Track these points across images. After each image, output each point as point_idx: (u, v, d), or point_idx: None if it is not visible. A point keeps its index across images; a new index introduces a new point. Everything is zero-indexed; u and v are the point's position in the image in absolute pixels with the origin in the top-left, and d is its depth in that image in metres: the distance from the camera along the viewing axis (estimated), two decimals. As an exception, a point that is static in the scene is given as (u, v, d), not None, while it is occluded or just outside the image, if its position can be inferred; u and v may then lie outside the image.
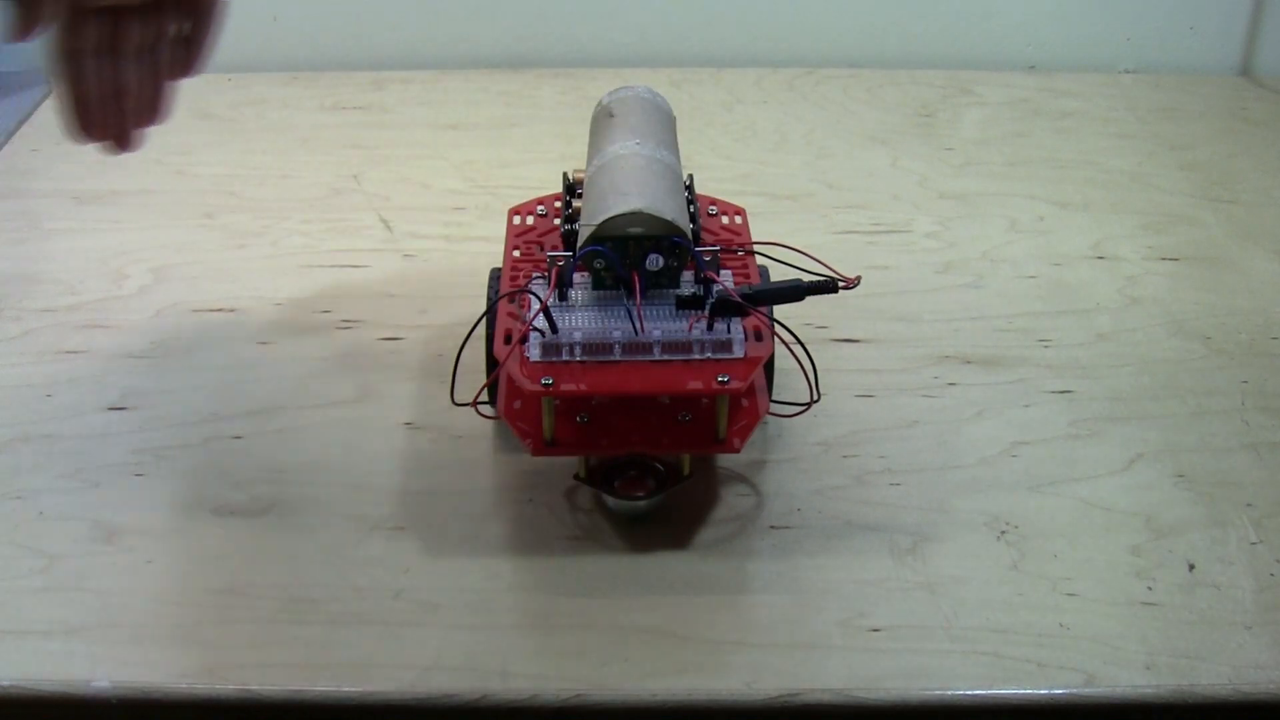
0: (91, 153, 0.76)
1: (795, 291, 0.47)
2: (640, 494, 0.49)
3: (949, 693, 0.43)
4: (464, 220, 0.69)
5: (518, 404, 0.48)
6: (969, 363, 0.58)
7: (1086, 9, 0.87)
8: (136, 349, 0.59)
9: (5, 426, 0.54)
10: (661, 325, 0.46)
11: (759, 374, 0.47)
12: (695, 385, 0.45)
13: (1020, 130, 0.79)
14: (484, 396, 0.49)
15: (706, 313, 0.46)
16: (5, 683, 0.43)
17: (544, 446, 0.47)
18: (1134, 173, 0.74)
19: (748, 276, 0.51)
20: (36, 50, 0.85)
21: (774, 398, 0.50)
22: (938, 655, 0.44)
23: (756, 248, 0.53)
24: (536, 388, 0.45)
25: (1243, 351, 0.59)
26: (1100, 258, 0.66)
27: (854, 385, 0.56)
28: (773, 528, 0.49)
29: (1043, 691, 0.43)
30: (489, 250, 0.65)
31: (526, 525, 0.49)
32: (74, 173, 0.73)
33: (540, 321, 0.46)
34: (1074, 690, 0.43)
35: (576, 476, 0.49)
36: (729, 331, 0.46)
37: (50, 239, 0.67)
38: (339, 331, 0.60)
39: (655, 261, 0.47)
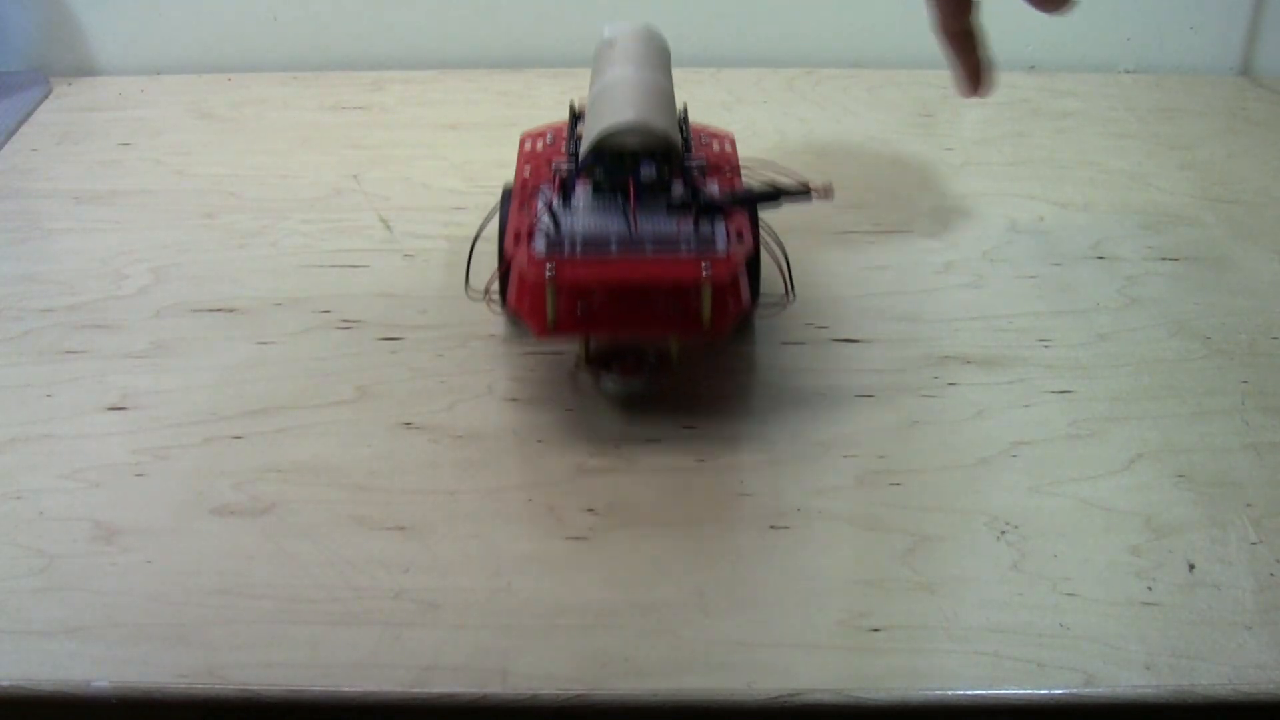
0: (91, 152, 0.76)
1: (772, 196, 0.53)
2: (634, 377, 0.54)
3: (949, 693, 0.43)
4: (464, 220, 0.69)
5: (525, 295, 0.51)
6: (969, 363, 0.58)
7: (1086, 9, 0.86)
8: (136, 349, 0.59)
9: (5, 426, 0.54)
10: (654, 226, 0.52)
11: (740, 269, 0.51)
12: (683, 276, 0.50)
13: (1020, 130, 0.79)
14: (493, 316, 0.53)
15: (694, 215, 0.51)
16: (5, 683, 0.43)
17: (547, 329, 0.51)
18: (1134, 173, 0.74)
19: (733, 189, 0.55)
20: (36, 50, 0.86)
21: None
22: (938, 655, 0.44)
23: (742, 169, 0.57)
24: (542, 276, 0.50)
25: (1243, 351, 0.59)
26: (1100, 258, 0.66)
27: (854, 385, 0.56)
28: (773, 528, 0.49)
29: (1043, 691, 0.43)
30: (489, 250, 0.66)
31: (527, 524, 0.49)
32: (74, 173, 0.73)
33: (546, 220, 0.51)
34: (1074, 690, 0.43)
35: (578, 365, 0.55)
36: (713, 231, 0.51)
37: (50, 239, 0.67)
38: (339, 331, 0.60)
39: (649, 171, 0.52)
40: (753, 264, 0.54)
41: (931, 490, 0.51)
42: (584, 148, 0.53)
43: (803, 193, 0.52)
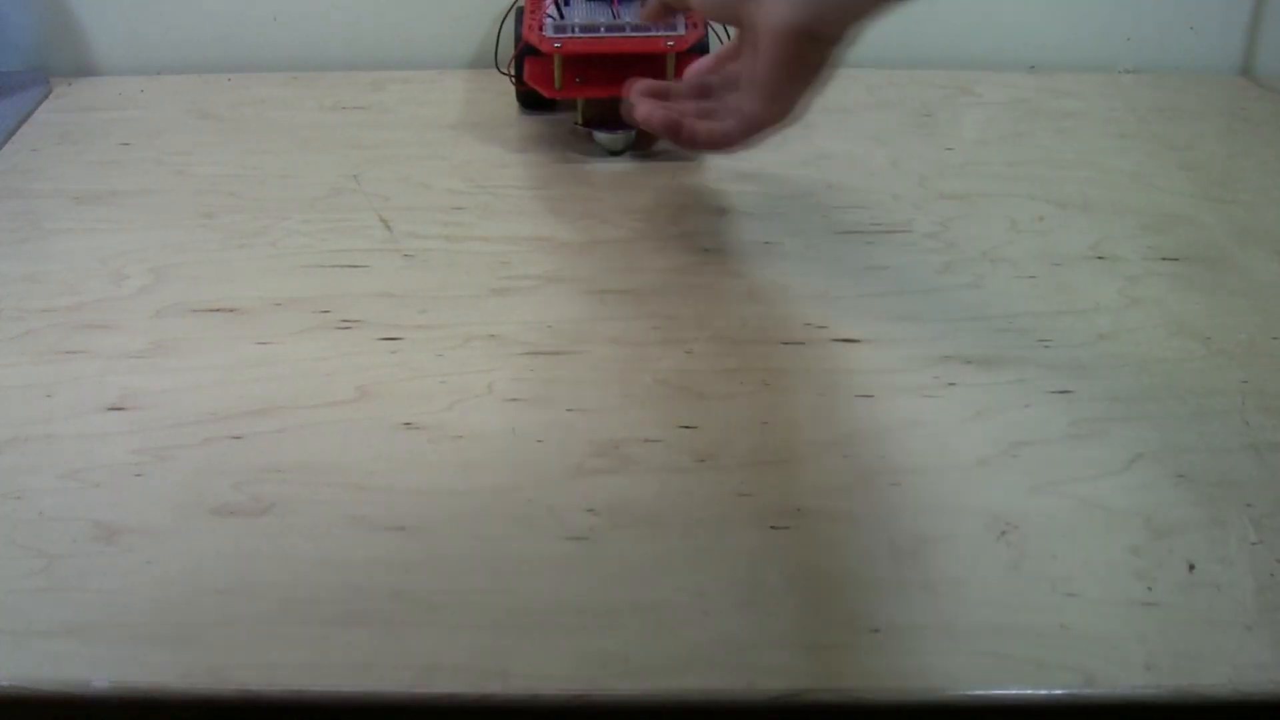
0: (91, 152, 0.76)
1: None
2: (619, 131, 0.73)
3: (949, 693, 0.43)
4: (464, 220, 0.69)
5: (539, 67, 0.73)
6: (969, 363, 0.58)
7: (1086, 9, 0.87)
8: (136, 349, 0.59)
9: (5, 426, 0.54)
10: (632, 17, 0.72)
11: (693, 45, 0.71)
12: (653, 47, 0.71)
13: (1020, 130, 0.79)
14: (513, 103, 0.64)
15: (660, 8, 0.70)
16: (5, 683, 0.43)
17: (555, 91, 0.72)
18: (1134, 173, 0.74)
19: None
20: (36, 50, 0.86)
21: None
22: (938, 655, 0.44)
23: None
24: (552, 48, 0.70)
25: (1243, 351, 0.59)
26: (1100, 258, 0.66)
27: (854, 385, 0.56)
28: (773, 528, 0.49)
29: (1043, 691, 0.43)
30: (489, 250, 0.66)
31: (526, 525, 0.49)
32: (74, 173, 0.73)
33: (554, 13, 0.72)
34: (1074, 690, 0.43)
35: (576, 124, 0.75)
36: (675, 20, 0.72)
37: (50, 239, 0.67)
38: (339, 331, 0.60)
39: None
40: (703, 50, 0.73)
41: (931, 490, 0.51)
42: None
43: None
